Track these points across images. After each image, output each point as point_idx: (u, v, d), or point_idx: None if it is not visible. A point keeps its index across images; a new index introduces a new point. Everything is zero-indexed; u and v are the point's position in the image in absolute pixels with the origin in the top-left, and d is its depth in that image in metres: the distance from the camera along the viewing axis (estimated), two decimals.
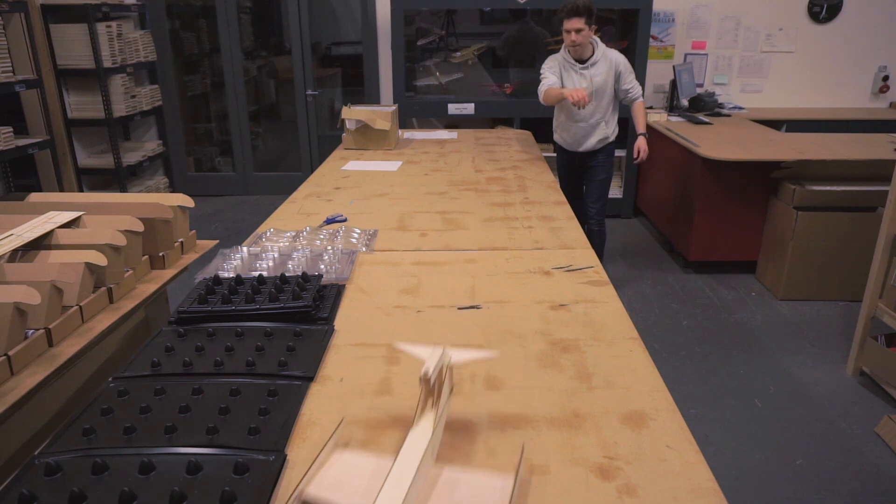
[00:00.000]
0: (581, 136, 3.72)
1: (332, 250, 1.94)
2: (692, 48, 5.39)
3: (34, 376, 1.31)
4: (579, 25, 3.38)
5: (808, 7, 5.26)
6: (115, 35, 4.70)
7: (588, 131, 3.69)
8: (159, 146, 5.48)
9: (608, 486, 1.00)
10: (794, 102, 5.53)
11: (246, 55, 5.77)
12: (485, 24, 5.52)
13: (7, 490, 0.95)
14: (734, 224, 4.08)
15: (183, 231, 1.99)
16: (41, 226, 1.66)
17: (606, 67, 3.54)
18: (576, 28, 3.39)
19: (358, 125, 3.52)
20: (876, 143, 4.12)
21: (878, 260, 2.88)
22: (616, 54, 3.58)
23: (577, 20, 3.38)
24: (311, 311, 1.50)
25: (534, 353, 1.39)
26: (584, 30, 3.40)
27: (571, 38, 3.43)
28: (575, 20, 3.38)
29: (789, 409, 2.82)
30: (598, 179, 3.81)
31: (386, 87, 5.52)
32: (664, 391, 1.25)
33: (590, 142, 3.72)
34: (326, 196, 2.64)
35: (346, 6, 5.81)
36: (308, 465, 0.99)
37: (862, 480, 2.39)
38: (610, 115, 3.70)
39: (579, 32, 3.40)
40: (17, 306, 1.32)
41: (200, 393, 1.20)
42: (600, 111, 3.64)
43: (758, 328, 3.53)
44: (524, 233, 2.17)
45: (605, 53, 3.56)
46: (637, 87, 3.63)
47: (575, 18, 3.38)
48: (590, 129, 3.69)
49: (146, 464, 0.99)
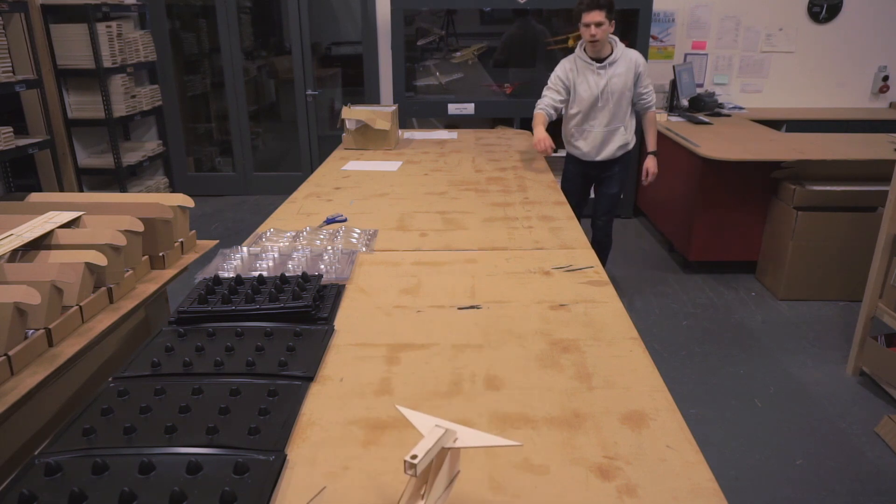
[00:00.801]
0: (599, 142, 3.46)
1: (332, 250, 1.94)
2: (692, 48, 5.39)
3: (34, 376, 1.31)
4: (599, 19, 3.14)
5: (808, 7, 5.26)
6: (115, 35, 4.70)
7: (606, 137, 3.44)
8: (159, 146, 5.48)
9: (608, 486, 1.00)
10: (794, 102, 5.53)
11: (246, 55, 5.77)
12: (485, 24, 5.52)
13: (7, 490, 0.95)
14: (734, 224, 4.07)
15: (183, 231, 1.99)
16: (41, 226, 1.66)
17: (626, 67, 3.31)
18: (596, 21, 3.14)
19: (358, 125, 3.52)
20: (876, 143, 4.12)
21: (878, 260, 2.88)
22: (636, 54, 3.36)
23: (597, 13, 3.13)
24: (311, 311, 1.50)
25: (534, 353, 1.39)
26: (605, 24, 3.16)
27: (591, 31, 3.17)
28: (595, 13, 3.13)
29: (789, 409, 2.82)
30: (611, 193, 3.59)
31: (386, 87, 5.52)
32: (664, 391, 1.25)
33: (608, 149, 3.47)
34: (326, 196, 2.64)
35: (346, 6, 5.81)
36: (308, 466, 0.99)
37: (862, 480, 2.39)
38: (629, 120, 3.47)
39: (599, 26, 3.15)
40: (17, 306, 1.32)
41: (200, 393, 1.20)
42: (619, 116, 3.41)
43: (758, 328, 3.53)
44: (524, 233, 2.17)
45: (625, 52, 3.34)
46: (652, 94, 3.45)
47: (595, 11, 3.13)
48: (608, 135, 3.44)
49: (146, 464, 0.99)
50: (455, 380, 1.29)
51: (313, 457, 1.07)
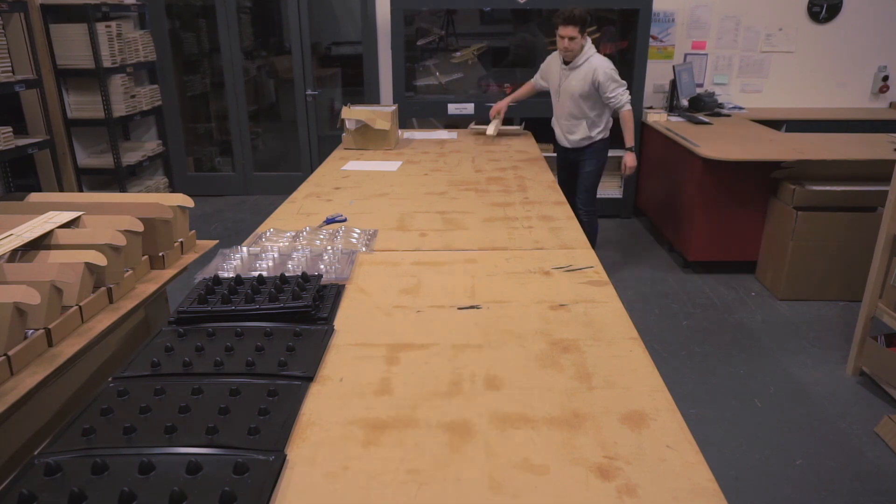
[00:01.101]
0: (566, 131, 3.89)
1: (331, 250, 1.94)
2: (692, 48, 5.39)
3: (34, 376, 1.31)
4: (573, 34, 3.53)
5: (808, 7, 5.26)
6: (115, 35, 4.70)
7: (568, 128, 3.87)
8: (159, 146, 5.48)
9: (608, 486, 1.00)
10: (794, 102, 5.53)
11: (246, 55, 5.77)
12: (484, 24, 5.52)
13: (7, 490, 0.95)
14: (734, 224, 4.07)
15: (183, 231, 1.99)
16: (41, 226, 1.66)
17: (584, 75, 3.65)
18: (569, 36, 3.54)
19: (358, 125, 3.52)
20: (876, 143, 4.12)
21: (878, 260, 2.88)
22: (600, 62, 3.62)
23: (571, 28, 3.52)
24: (310, 311, 1.50)
25: (534, 353, 1.39)
26: (577, 38, 3.55)
27: (564, 44, 3.59)
28: (569, 28, 3.52)
29: (789, 409, 2.82)
30: (585, 172, 3.94)
31: (386, 87, 5.52)
32: (664, 391, 1.25)
33: (571, 138, 3.88)
34: (326, 196, 2.64)
35: (346, 6, 5.81)
36: (307, 466, 0.99)
37: (862, 480, 2.39)
38: (596, 118, 3.79)
39: (572, 40, 3.55)
40: (17, 306, 1.32)
41: (200, 393, 1.20)
42: (580, 113, 3.77)
43: (758, 328, 3.53)
44: (524, 233, 2.17)
45: (590, 60, 3.64)
46: (619, 96, 3.65)
47: (570, 27, 3.52)
48: (570, 127, 3.85)
49: (146, 464, 0.99)
50: (455, 380, 1.29)
51: (313, 457, 1.07)
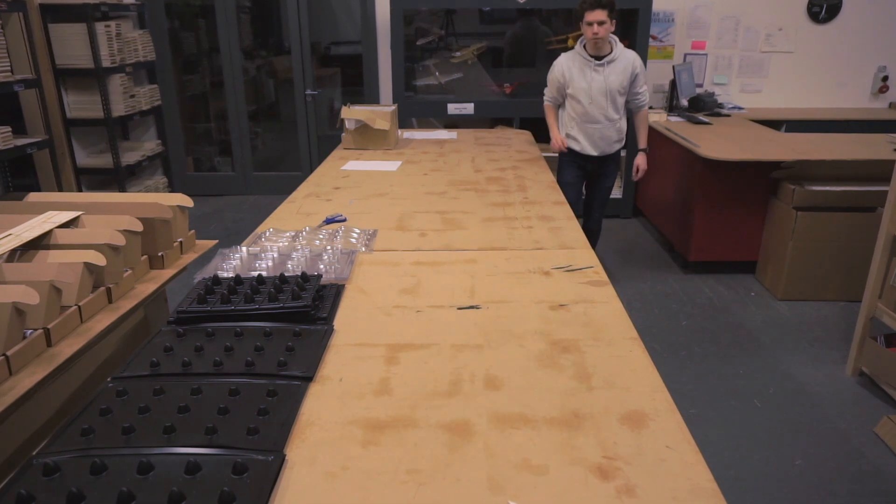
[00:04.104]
0: (598, 137, 3.59)
1: (331, 250, 1.93)
2: (692, 48, 5.39)
3: (33, 376, 1.31)
4: (602, 17, 3.27)
5: (808, 7, 5.26)
6: (114, 35, 4.69)
7: (603, 133, 3.58)
8: (158, 146, 5.48)
9: (607, 487, 1.00)
10: (793, 102, 5.53)
11: (245, 55, 5.77)
12: (484, 24, 5.52)
13: (5, 490, 0.95)
14: (734, 224, 4.07)
15: (182, 231, 1.99)
16: (40, 226, 1.65)
17: (623, 66, 3.45)
18: (598, 20, 3.28)
19: (357, 125, 3.51)
20: (875, 143, 4.12)
21: (878, 260, 2.88)
22: (634, 55, 3.50)
23: (599, 12, 3.27)
24: (310, 310, 1.50)
25: (534, 353, 1.39)
26: (607, 23, 3.29)
27: (593, 30, 3.31)
28: (598, 12, 3.27)
29: (789, 409, 2.82)
30: (606, 187, 3.81)
31: (385, 86, 5.52)
32: (664, 391, 1.25)
33: (605, 144, 3.62)
34: (326, 196, 2.63)
35: (346, 6, 5.81)
36: (307, 466, 0.99)
37: (861, 480, 2.39)
38: (623, 117, 3.63)
39: (601, 25, 3.29)
40: (16, 306, 1.32)
41: (199, 393, 1.20)
42: (615, 112, 3.55)
43: (757, 328, 3.53)
44: (524, 233, 2.17)
45: (624, 52, 3.48)
46: (647, 94, 3.59)
47: (598, 10, 3.27)
48: (604, 131, 3.58)
49: (145, 464, 0.99)
50: (454, 380, 1.29)
51: (312, 457, 1.07)
